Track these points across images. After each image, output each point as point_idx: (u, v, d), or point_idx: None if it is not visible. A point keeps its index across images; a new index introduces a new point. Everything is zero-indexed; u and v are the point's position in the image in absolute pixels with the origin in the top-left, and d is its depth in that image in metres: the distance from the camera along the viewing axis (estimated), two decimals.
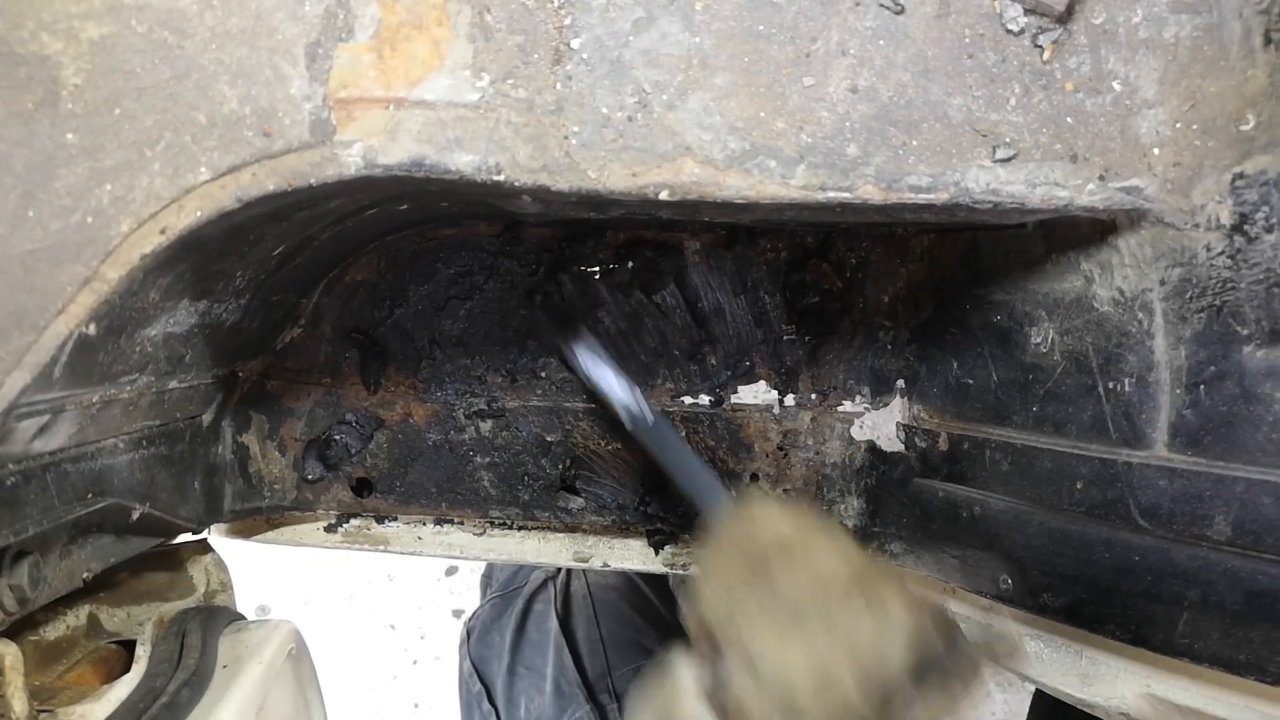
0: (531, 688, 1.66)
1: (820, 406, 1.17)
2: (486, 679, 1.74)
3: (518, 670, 1.69)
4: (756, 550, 0.77)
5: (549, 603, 1.75)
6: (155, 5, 0.65)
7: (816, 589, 0.73)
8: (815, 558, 0.75)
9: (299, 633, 1.01)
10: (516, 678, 1.69)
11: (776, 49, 0.68)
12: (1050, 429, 0.85)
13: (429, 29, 0.67)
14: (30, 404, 0.65)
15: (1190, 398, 0.71)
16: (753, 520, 0.81)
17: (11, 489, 0.67)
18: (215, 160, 0.65)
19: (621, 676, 1.63)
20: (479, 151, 0.67)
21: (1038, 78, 0.68)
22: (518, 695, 1.68)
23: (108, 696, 0.77)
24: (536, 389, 1.20)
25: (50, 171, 0.63)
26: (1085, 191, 0.69)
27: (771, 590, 0.74)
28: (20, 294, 0.62)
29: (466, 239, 1.16)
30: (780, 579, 0.74)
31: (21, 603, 0.71)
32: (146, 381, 0.81)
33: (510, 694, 1.68)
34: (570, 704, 1.60)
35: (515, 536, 1.23)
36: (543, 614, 1.74)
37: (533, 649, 1.70)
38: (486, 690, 1.73)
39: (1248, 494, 0.68)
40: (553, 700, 1.62)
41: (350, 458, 1.20)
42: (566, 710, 1.60)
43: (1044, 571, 0.85)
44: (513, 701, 1.68)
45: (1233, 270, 0.67)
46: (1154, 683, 0.80)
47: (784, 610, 0.72)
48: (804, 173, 0.69)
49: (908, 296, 1.09)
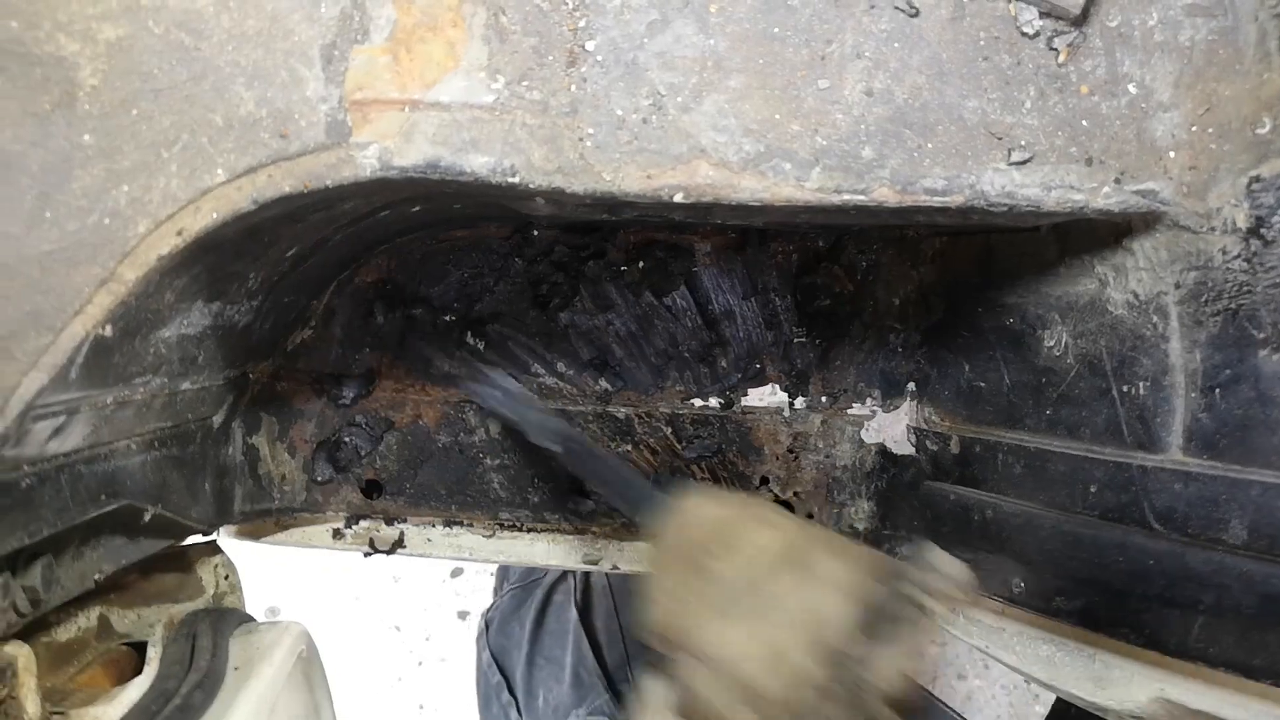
0: (550, 678, 1.67)
1: (831, 409, 1.17)
2: (506, 669, 1.75)
3: (537, 661, 1.70)
4: (690, 546, 0.77)
5: (569, 594, 1.75)
6: (172, 6, 0.65)
7: (747, 569, 0.72)
8: (742, 540, 0.75)
9: (309, 634, 1.01)
10: (536, 668, 1.69)
11: (791, 51, 0.68)
12: (1063, 432, 0.85)
13: (444, 31, 0.67)
14: (46, 405, 0.65)
15: (1205, 401, 0.71)
16: (684, 516, 0.80)
17: (27, 491, 0.67)
18: (232, 162, 0.65)
19: (641, 666, 1.63)
20: (494, 153, 0.67)
21: (1053, 80, 0.68)
22: (536, 686, 1.68)
23: (120, 698, 0.77)
24: (548, 390, 1.20)
25: (67, 173, 0.63)
26: (1100, 194, 0.68)
27: (708, 581, 0.73)
28: (37, 295, 0.62)
29: (477, 241, 1.16)
30: (714, 568, 0.74)
31: (35, 604, 0.71)
32: (160, 383, 0.81)
33: (529, 684, 1.69)
34: (590, 693, 1.60)
35: (525, 538, 1.23)
36: (563, 605, 1.74)
37: (552, 640, 1.70)
38: (506, 681, 1.73)
39: (1263, 498, 0.68)
40: (572, 690, 1.62)
41: (360, 459, 1.20)
42: (586, 700, 1.60)
43: (1057, 575, 0.85)
44: (531, 692, 1.68)
45: (1249, 274, 0.67)
46: (1168, 686, 0.79)
47: (722, 597, 0.72)
48: (819, 175, 0.68)
49: (919, 299, 1.09)
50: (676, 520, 0.80)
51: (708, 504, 0.80)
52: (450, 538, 1.23)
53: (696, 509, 0.80)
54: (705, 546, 0.76)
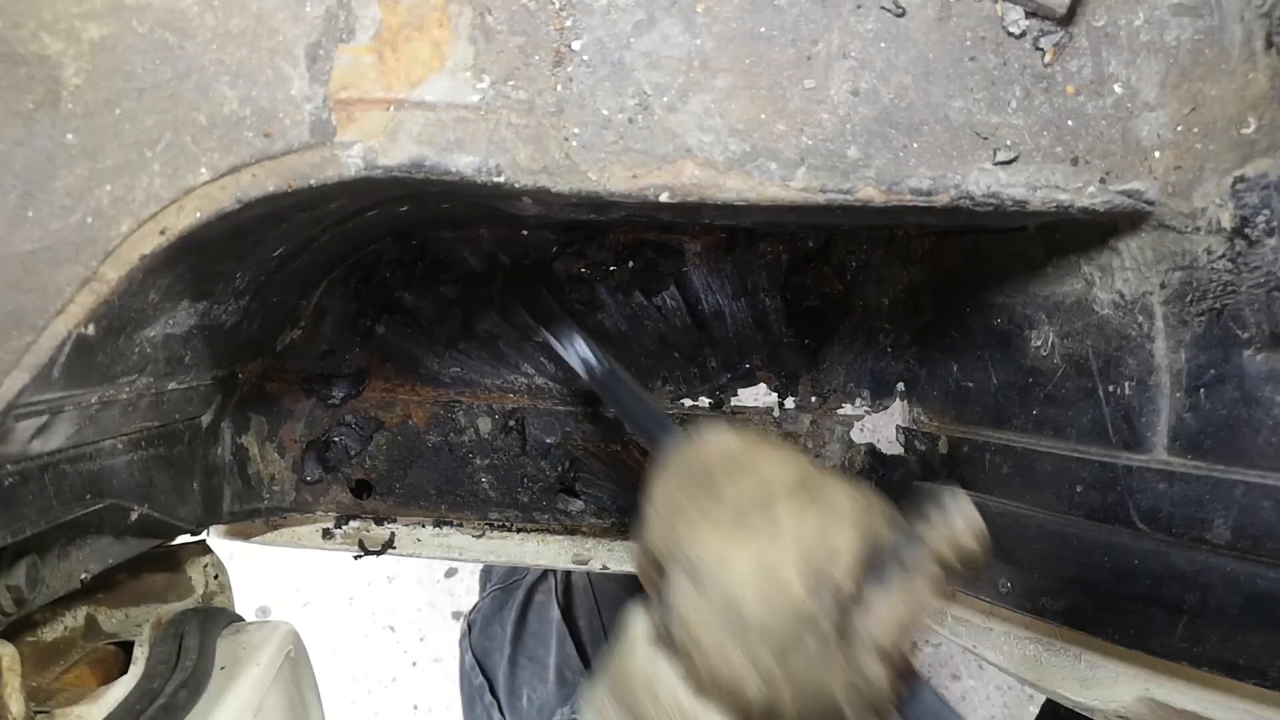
0: (534, 678, 1.66)
1: (820, 409, 1.17)
2: (488, 671, 1.74)
3: (520, 661, 1.69)
4: (702, 467, 0.73)
5: (550, 593, 1.74)
6: (156, 6, 0.64)
7: (760, 490, 0.68)
8: (760, 465, 0.71)
9: (297, 634, 1.01)
10: (519, 669, 1.69)
11: (778, 51, 0.68)
12: (1050, 432, 0.85)
13: (430, 30, 0.67)
14: (29, 404, 0.65)
15: (1190, 401, 0.71)
16: (701, 442, 0.76)
17: (9, 490, 0.67)
18: (215, 161, 0.65)
19: None
20: (479, 153, 0.67)
21: (1039, 80, 0.68)
22: (520, 686, 1.67)
23: (105, 698, 0.76)
24: (537, 389, 1.19)
25: (50, 172, 0.63)
26: (1086, 194, 0.69)
27: (715, 497, 0.69)
28: (19, 294, 0.62)
29: (466, 241, 1.16)
30: (723, 486, 0.70)
31: (19, 604, 0.71)
32: (145, 382, 0.81)
33: (512, 685, 1.68)
34: (574, 692, 1.60)
35: (514, 538, 1.23)
36: (544, 605, 1.73)
37: (535, 640, 1.70)
38: (489, 682, 1.72)
39: (1247, 498, 0.68)
40: (556, 689, 1.62)
41: (350, 459, 1.20)
42: (571, 699, 1.60)
43: (1043, 575, 0.85)
44: (515, 693, 1.67)
45: (1233, 274, 0.67)
46: (1153, 686, 0.79)
47: (725, 513, 0.67)
48: (804, 175, 0.68)
49: (908, 299, 1.09)
50: (691, 446, 0.76)
51: (726, 433, 0.75)
52: (440, 538, 1.23)
53: (713, 436, 0.76)
54: (717, 466, 0.72)
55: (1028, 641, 0.90)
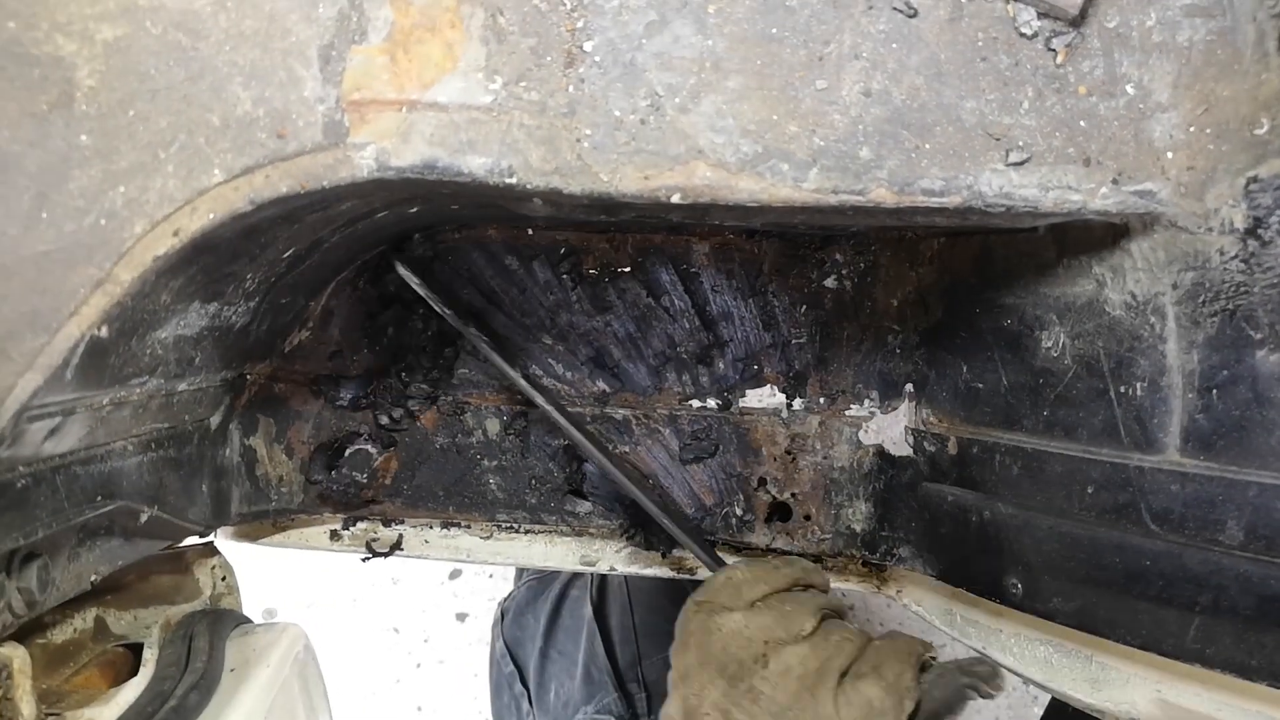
0: (563, 672, 1.66)
1: (828, 410, 1.17)
2: (519, 661, 1.74)
3: (550, 654, 1.69)
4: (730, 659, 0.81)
5: (585, 589, 1.74)
6: (170, 7, 0.65)
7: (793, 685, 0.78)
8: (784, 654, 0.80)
9: (306, 636, 1.01)
10: (549, 661, 1.69)
11: (789, 52, 0.68)
12: (1061, 433, 0.84)
13: (442, 31, 0.67)
14: (42, 406, 0.65)
15: (1203, 402, 0.71)
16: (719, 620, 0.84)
17: (22, 491, 0.67)
18: (229, 162, 0.65)
19: (651, 665, 1.62)
20: (491, 154, 0.67)
21: (1051, 81, 0.68)
22: (549, 679, 1.67)
23: (116, 700, 0.76)
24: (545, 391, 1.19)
25: (64, 173, 0.63)
26: (1098, 195, 0.68)
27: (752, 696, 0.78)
28: (33, 295, 0.62)
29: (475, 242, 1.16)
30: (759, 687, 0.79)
31: (30, 605, 0.71)
32: (156, 384, 0.81)
33: (542, 677, 1.68)
34: (599, 691, 1.60)
35: (522, 540, 1.23)
36: (578, 600, 1.73)
37: (566, 634, 1.70)
38: (519, 671, 1.72)
39: (1260, 498, 0.68)
40: (582, 686, 1.62)
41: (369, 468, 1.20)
42: (595, 697, 1.60)
43: (1054, 576, 0.85)
44: (544, 685, 1.67)
45: (1246, 274, 0.67)
46: (1165, 688, 0.79)
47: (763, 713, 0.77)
48: (816, 176, 0.68)
49: (917, 300, 1.09)
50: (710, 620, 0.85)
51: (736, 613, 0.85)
52: (448, 539, 1.23)
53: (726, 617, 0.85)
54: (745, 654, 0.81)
55: (1038, 643, 0.90)
